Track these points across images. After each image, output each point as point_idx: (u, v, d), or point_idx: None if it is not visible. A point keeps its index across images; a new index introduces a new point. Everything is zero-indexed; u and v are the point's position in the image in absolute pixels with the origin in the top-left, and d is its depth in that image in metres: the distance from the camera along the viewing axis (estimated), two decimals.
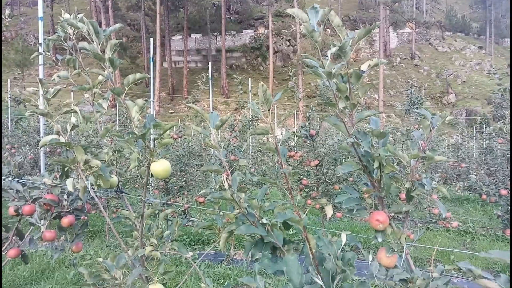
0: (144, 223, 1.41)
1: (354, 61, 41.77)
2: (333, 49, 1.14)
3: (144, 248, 1.33)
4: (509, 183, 3.56)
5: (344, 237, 0.98)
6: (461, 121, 32.62)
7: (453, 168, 8.02)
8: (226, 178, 1.26)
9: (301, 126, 4.56)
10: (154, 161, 1.29)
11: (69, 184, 1.35)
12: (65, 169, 1.48)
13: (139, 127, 1.39)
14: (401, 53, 43.63)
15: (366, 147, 1.07)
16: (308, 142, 4.50)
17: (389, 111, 33.09)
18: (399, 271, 0.99)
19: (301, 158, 4.77)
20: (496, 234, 4.79)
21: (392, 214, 1.13)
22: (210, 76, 8.41)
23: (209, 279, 3.26)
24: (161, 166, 1.27)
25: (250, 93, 11.60)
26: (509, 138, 3.58)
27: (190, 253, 2.44)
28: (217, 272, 3.32)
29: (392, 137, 7.48)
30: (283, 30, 44.16)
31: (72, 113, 1.56)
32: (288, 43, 43.39)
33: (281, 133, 13.04)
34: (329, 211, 1.01)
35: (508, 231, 3.46)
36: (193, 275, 3.17)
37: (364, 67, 1.19)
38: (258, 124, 6.54)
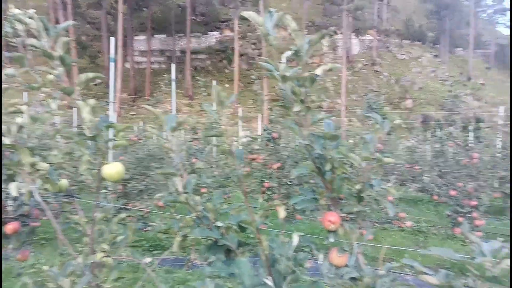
0: (96, 228, 1.36)
1: (318, 65, 42.54)
2: (288, 53, 1.17)
3: (94, 254, 1.28)
4: (458, 184, 3.78)
5: (295, 238, 0.99)
6: (417, 125, 34.18)
7: (409, 170, 8.39)
8: (182, 181, 1.25)
9: (264, 129, 4.60)
10: (105, 163, 1.24)
11: (12, 188, 1.28)
12: (10, 172, 1.40)
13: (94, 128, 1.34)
14: (362, 59, 45.15)
15: (318, 149, 1.09)
16: (270, 145, 4.54)
17: (351, 115, 34.10)
18: (349, 270, 1.02)
19: (264, 161, 4.80)
20: (446, 233, 5.05)
21: (345, 214, 1.16)
22: (173, 77, 8.28)
23: (168, 284, 3.20)
24: (113, 169, 1.23)
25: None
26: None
27: (149, 259, 2.37)
28: (176, 277, 3.27)
29: (352, 140, 7.71)
30: (249, 33, 44.39)
31: (19, 114, 1.48)
32: (253, 46, 43.66)
33: (246, 136, 13.06)
34: (281, 212, 1.02)
35: (457, 230, 3.67)
36: (151, 281, 3.10)
37: (318, 71, 1.22)
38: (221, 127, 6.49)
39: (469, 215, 3.60)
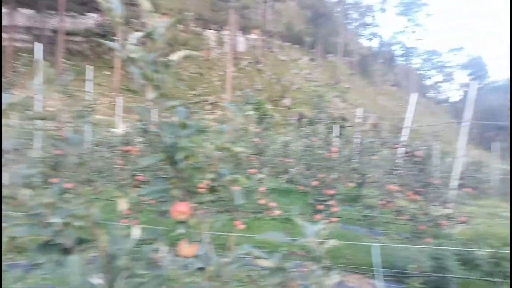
0: None
1: (205, 60, 42.81)
2: (138, 34, 1.10)
3: None
4: (319, 175, 4.22)
5: (137, 231, 0.93)
6: (293, 122, 37.21)
7: (282, 163, 9.05)
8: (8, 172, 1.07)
9: (139, 120, 4.38)
10: None
11: None
12: None
13: None
14: (248, 57, 46.84)
15: (167, 138, 1.05)
16: (147, 136, 4.34)
17: (236, 110, 35.02)
18: (194, 261, 1.01)
19: (141, 154, 4.57)
20: (310, 219, 5.60)
21: (196, 204, 1.15)
22: (40, 58, 7.26)
23: None
24: None
25: (92, 82, 10.49)
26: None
27: None
28: (28, 283, 2.87)
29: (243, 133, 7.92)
30: (132, 19, 41.80)
31: None
32: (137, 32, 41.26)
33: (125, 127, 12.27)
34: (121, 204, 0.96)
35: (317, 216, 4.09)
36: None
37: (174, 57, 1.18)
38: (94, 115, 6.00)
39: (327, 203, 4.05)
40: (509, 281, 4.30)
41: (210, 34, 46.60)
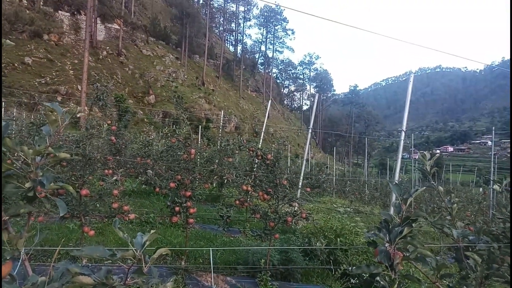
0: None
1: (56, 44, 37.88)
2: None
3: None
4: (177, 177, 4.17)
5: None
6: (157, 121, 36.13)
7: (143, 164, 8.66)
8: None
9: None
10: None
11: None
12: None
13: None
14: (108, 47, 43.34)
15: None
16: None
17: (93, 104, 31.92)
18: (5, 283, 0.86)
19: None
20: (170, 222, 5.51)
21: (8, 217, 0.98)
22: None
23: None
24: None
25: None
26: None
27: None
28: None
29: (96, 131, 7.18)
30: None
31: None
32: None
33: None
34: None
35: (174, 218, 4.05)
36: None
37: None
38: None
39: (185, 205, 4.04)
40: (339, 267, 5.05)
41: (63, 16, 41.42)
